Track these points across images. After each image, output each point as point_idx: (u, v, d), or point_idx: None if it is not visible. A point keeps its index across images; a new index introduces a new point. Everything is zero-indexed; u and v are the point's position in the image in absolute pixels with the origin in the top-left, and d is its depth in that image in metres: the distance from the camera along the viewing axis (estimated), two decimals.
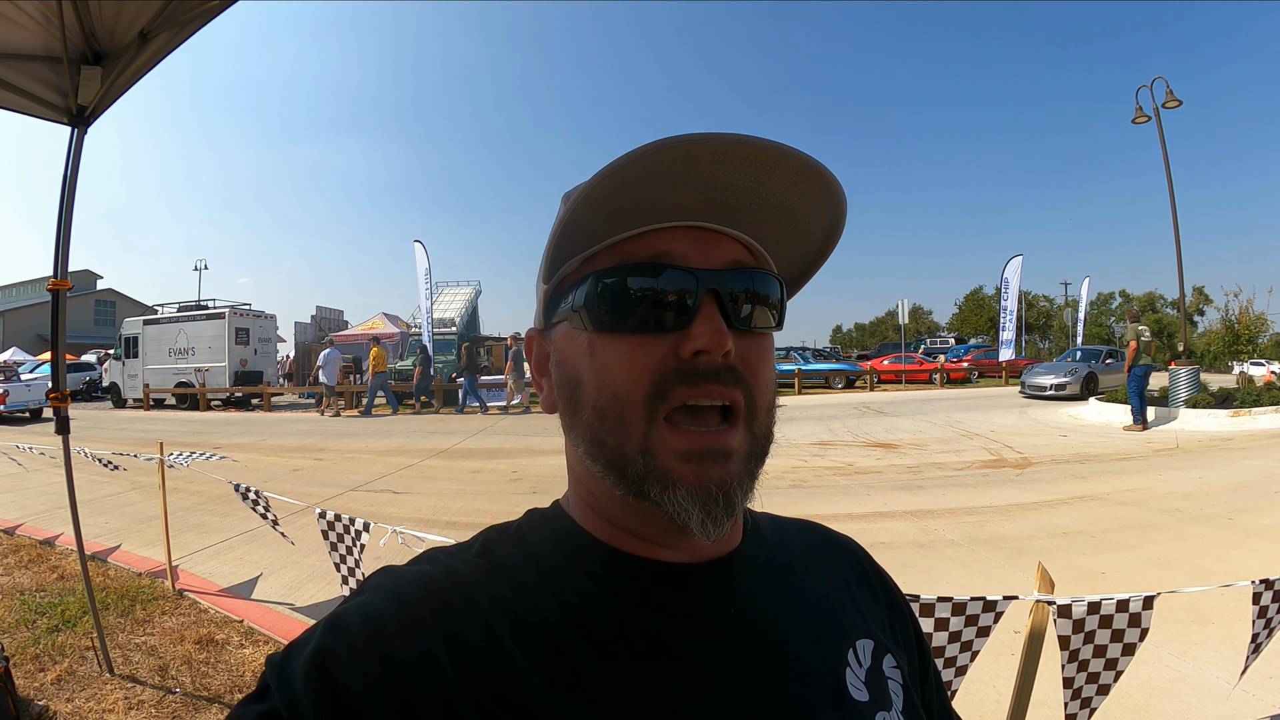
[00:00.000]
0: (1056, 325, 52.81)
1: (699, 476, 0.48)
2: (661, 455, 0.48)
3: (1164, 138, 14.39)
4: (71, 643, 3.51)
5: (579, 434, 0.52)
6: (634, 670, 0.48)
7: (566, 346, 0.54)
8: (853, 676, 0.55)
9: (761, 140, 0.46)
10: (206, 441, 12.33)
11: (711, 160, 0.47)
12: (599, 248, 0.52)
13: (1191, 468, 7.90)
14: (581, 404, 0.51)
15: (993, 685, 2.92)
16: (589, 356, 0.51)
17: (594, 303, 0.50)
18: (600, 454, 0.50)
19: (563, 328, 0.55)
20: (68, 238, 2.96)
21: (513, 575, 0.51)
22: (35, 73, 2.77)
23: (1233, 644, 3.23)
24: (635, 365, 0.49)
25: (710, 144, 0.46)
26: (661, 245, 0.50)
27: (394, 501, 7.07)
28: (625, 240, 0.51)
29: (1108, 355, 19.18)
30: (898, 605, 0.68)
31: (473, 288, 29.77)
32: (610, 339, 0.50)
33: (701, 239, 0.51)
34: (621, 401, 0.49)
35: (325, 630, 0.45)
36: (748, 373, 0.51)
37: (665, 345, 0.49)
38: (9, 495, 7.40)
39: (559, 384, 0.55)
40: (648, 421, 0.48)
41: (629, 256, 0.51)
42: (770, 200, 0.51)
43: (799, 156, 0.48)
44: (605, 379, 0.50)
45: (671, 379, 0.48)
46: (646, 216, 0.50)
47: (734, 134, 0.46)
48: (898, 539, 5.35)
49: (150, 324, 22.89)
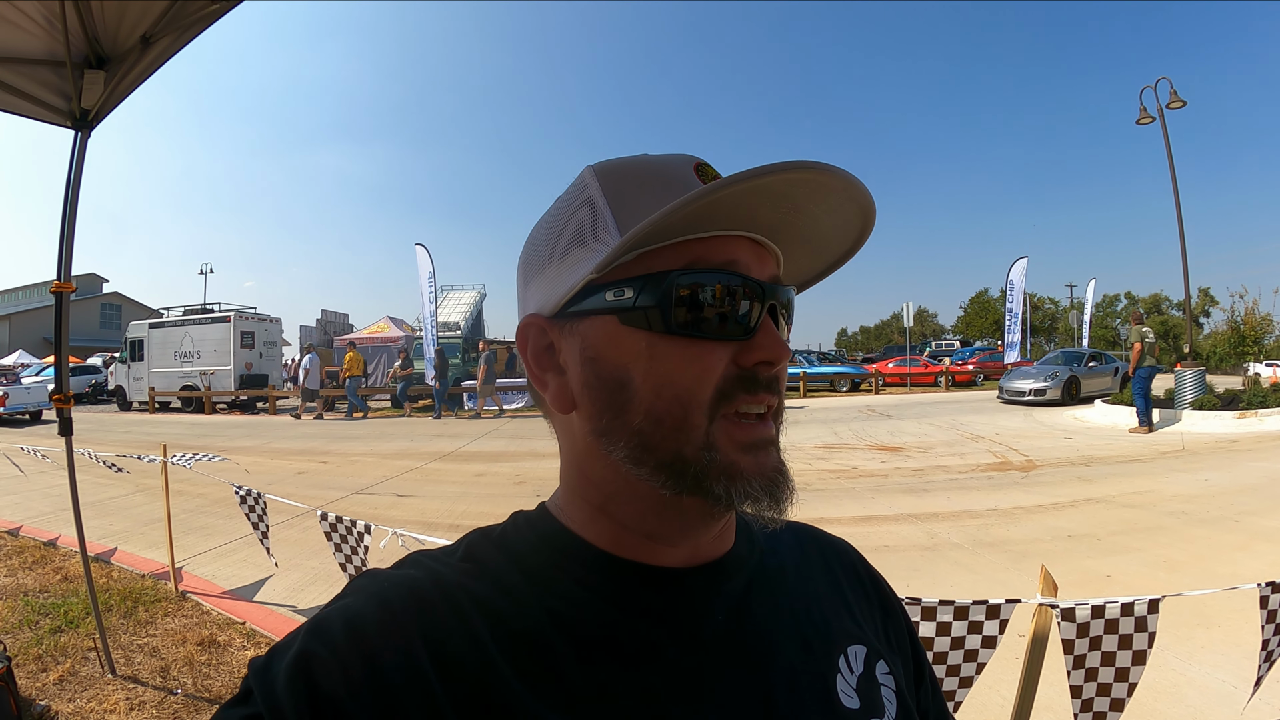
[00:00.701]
0: (1062, 328, 52.70)
1: (759, 465, 0.49)
2: (725, 449, 0.48)
3: (1168, 138, 14.37)
4: (74, 643, 3.52)
5: (618, 437, 0.50)
6: (620, 676, 0.47)
7: (608, 344, 0.50)
8: (843, 683, 0.54)
9: (856, 181, 0.48)
10: (211, 445, 12.36)
11: (813, 188, 0.48)
12: (664, 245, 0.49)
13: (1197, 470, 7.87)
14: (630, 407, 0.49)
15: (996, 689, 2.91)
16: (646, 358, 0.49)
17: (668, 303, 0.48)
18: (648, 457, 0.49)
19: (603, 322, 0.50)
20: (71, 241, 2.98)
21: (497, 580, 0.51)
22: (39, 76, 2.79)
23: (1239, 647, 3.21)
24: (703, 370, 0.48)
25: (828, 175, 0.46)
26: (729, 253, 0.50)
27: (397, 505, 7.09)
28: (694, 241, 0.49)
29: (1090, 358, 18.24)
30: (892, 609, 0.67)
31: (477, 291, 29.71)
32: (677, 342, 0.48)
33: (757, 251, 0.51)
34: (685, 405, 0.48)
35: (308, 634, 0.45)
36: (780, 382, 0.52)
37: (729, 352, 0.49)
38: (13, 497, 7.44)
39: (590, 383, 0.51)
40: (709, 421, 0.48)
41: (700, 259, 0.49)
42: (824, 228, 0.52)
43: (868, 199, 0.50)
44: (666, 382, 0.48)
45: (734, 385, 0.49)
46: (726, 223, 0.49)
47: (841, 170, 0.46)
48: (902, 542, 5.33)
49: (156, 327, 22.98)
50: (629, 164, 0.54)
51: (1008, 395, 17.08)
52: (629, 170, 0.53)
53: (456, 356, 22.44)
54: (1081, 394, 16.50)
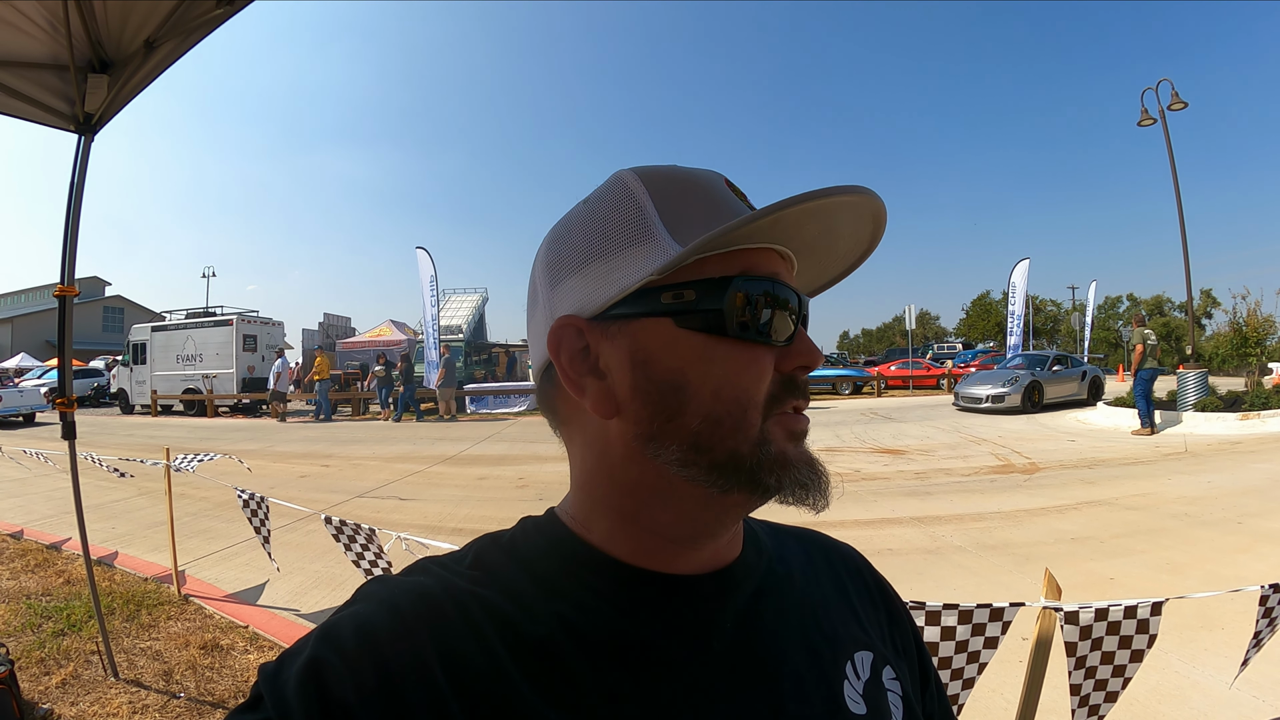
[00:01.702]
0: (1064, 329, 52.64)
1: (801, 455, 0.52)
2: (777, 440, 0.51)
3: (1170, 140, 14.38)
4: (77, 647, 3.52)
5: (670, 440, 0.49)
6: (629, 684, 0.47)
7: (663, 346, 0.50)
8: (850, 689, 0.54)
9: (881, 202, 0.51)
10: (213, 448, 12.32)
11: (846, 207, 0.50)
12: (716, 253, 0.49)
13: (1200, 472, 7.85)
14: (686, 409, 0.49)
15: (1000, 692, 2.91)
16: (704, 361, 0.49)
17: (733, 307, 0.48)
18: (701, 458, 0.49)
19: (657, 324, 0.50)
20: (75, 244, 2.99)
21: (507, 586, 0.51)
22: (43, 80, 2.80)
23: (1242, 649, 3.18)
24: (760, 372, 0.50)
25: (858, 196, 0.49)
26: (773, 264, 0.52)
27: (400, 508, 7.09)
28: (745, 251, 0.51)
29: (1055, 361, 16.87)
30: (897, 614, 0.67)
31: (480, 294, 29.78)
32: (735, 345, 0.49)
33: (786, 264, 0.54)
34: (744, 406, 0.49)
35: (318, 640, 0.45)
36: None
37: (773, 357, 0.51)
38: (16, 500, 7.45)
39: (642, 386, 0.50)
40: (763, 420, 0.50)
41: (752, 268, 0.50)
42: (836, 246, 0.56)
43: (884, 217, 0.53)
44: (725, 384, 0.49)
45: (784, 388, 0.51)
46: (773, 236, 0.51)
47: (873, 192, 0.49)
48: (905, 546, 5.33)
49: (158, 330, 23.03)
50: (668, 172, 0.55)
51: (963, 401, 16.00)
52: (671, 178, 0.54)
53: (459, 360, 22.48)
54: (1045, 400, 15.66)
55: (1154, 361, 11.65)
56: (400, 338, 26.89)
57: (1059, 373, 16.45)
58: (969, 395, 15.84)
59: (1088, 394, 16.50)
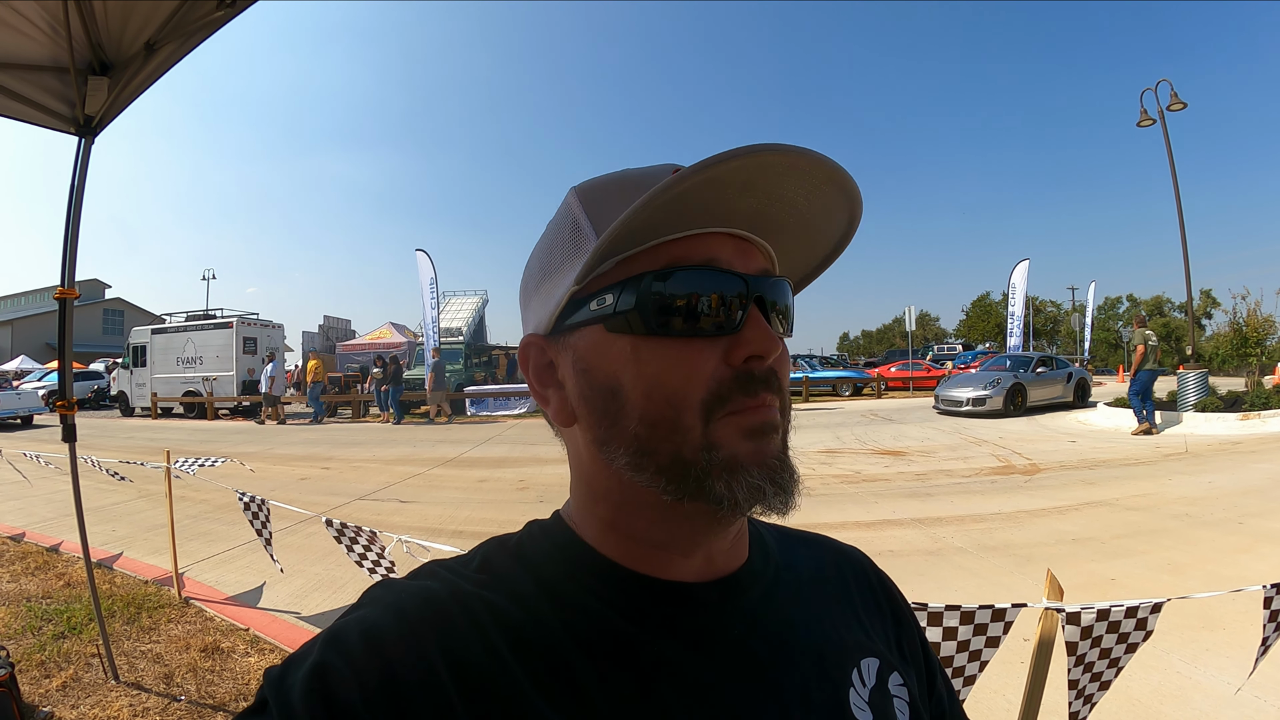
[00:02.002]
0: (1064, 330, 52.66)
1: (760, 453, 0.48)
2: (726, 443, 0.47)
3: (1169, 141, 14.39)
4: (77, 649, 3.52)
5: (617, 445, 0.50)
6: (635, 690, 0.47)
7: (596, 353, 0.51)
8: (856, 697, 0.54)
9: (828, 158, 0.47)
10: (214, 450, 12.36)
11: (784, 171, 0.47)
12: (640, 249, 0.49)
13: (1201, 472, 7.84)
14: (623, 413, 0.49)
15: (1002, 694, 2.90)
16: (633, 362, 0.49)
17: (647, 305, 0.48)
18: (648, 463, 0.49)
19: (591, 332, 0.51)
20: (75, 246, 2.98)
21: (514, 590, 0.51)
22: (43, 83, 2.81)
23: (1244, 649, 3.19)
24: (691, 369, 0.48)
25: (792, 155, 0.45)
26: (709, 250, 0.49)
27: (400, 510, 7.08)
28: (671, 243, 0.49)
29: (1039, 363, 16.25)
30: (904, 619, 0.67)
31: (480, 297, 29.76)
32: (660, 343, 0.48)
33: (740, 246, 0.51)
34: (676, 407, 0.47)
35: (324, 645, 0.45)
36: (780, 378, 0.51)
37: (717, 350, 0.48)
38: (16, 502, 7.44)
39: (586, 394, 0.52)
40: (705, 423, 0.47)
41: (678, 260, 0.49)
42: (806, 215, 0.51)
43: (848, 178, 0.48)
44: (656, 385, 0.48)
45: (729, 386, 0.48)
46: (700, 219, 0.49)
47: (810, 150, 0.45)
48: (906, 547, 5.32)
49: (158, 333, 23.01)
50: (608, 178, 0.55)
51: (944, 405, 15.44)
52: (608, 184, 0.54)
53: (459, 362, 22.48)
54: (1029, 403, 15.11)
55: (1154, 363, 11.69)
56: (401, 340, 26.90)
57: (1043, 375, 15.88)
58: (949, 398, 15.33)
59: (1074, 396, 16.12)
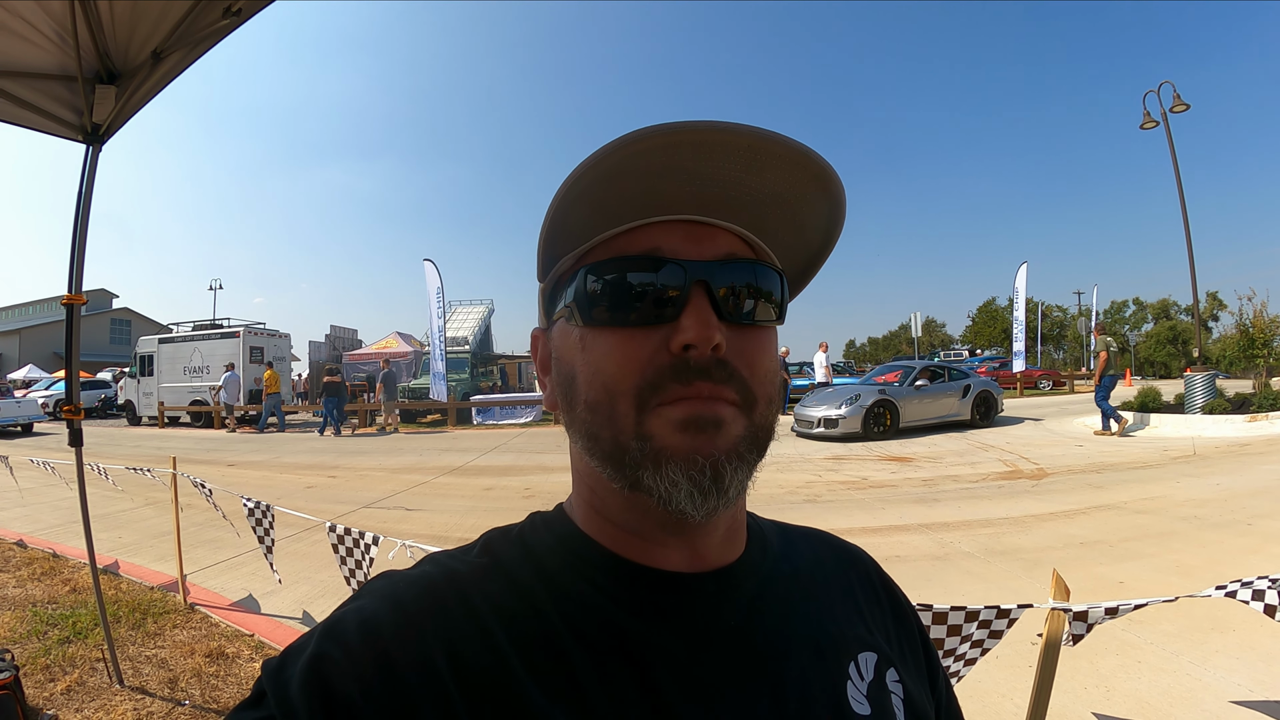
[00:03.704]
0: (1070, 335, 52.44)
1: (690, 448, 0.46)
2: (658, 434, 0.47)
3: (1172, 143, 14.36)
4: (82, 654, 3.53)
5: (576, 429, 0.52)
6: (632, 680, 0.47)
7: (561, 343, 0.54)
8: (854, 690, 0.54)
9: (740, 126, 0.45)
10: (220, 459, 12.43)
11: (694, 150, 0.46)
12: (592, 244, 0.52)
13: (1209, 474, 7.79)
14: (575, 399, 0.51)
15: (1009, 697, 2.88)
16: (580, 351, 0.51)
17: (583, 297, 0.50)
18: (596, 447, 0.50)
19: (559, 325, 0.54)
20: (82, 254, 3.01)
21: (513, 579, 0.51)
22: (51, 91, 2.83)
23: (1255, 650, 3.17)
24: (624, 358, 0.48)
25: (688, 133, 0.44)
26: (653, 240, 0.50)
27: (406, 518, 7.08)
28: (618, 236, 0.51)
29: (923, 374, 13.69)
30: (904, 616, 0.67)
31: (485, 306, 29.81)
32: (600, 333, 0.50)
33: (694, 233, 0.50)
34: (611, 393, 0.48)
35: (322, 636, 0.45)
36: (743, 365, 0.49)
37: (655, 339, 0.48)
38: (23, 509, 7.47)
39: (556, 380, 0.55)
40: (639, 411, 0.47)
41: (621, 251, 0.50)
42: (761, 189, 0.49)
43: (783, 141, 0.47)
44: (595, 371, 0.49)
45: (665, 374, 0.47)
46: (636, 211, 0.49)
47: (712, 121, 0.44)
48: (913, 552, 5.29)
49: (165, 342, 23.08)
50: None
51: (799, 426, 13.13)
52: None
53: (465, 371, 22.48)
54: (903, 423, 12.64)
55: (1114, 369, 12.23)
56: (407, 349, 26.93)
57: (925, 389, 13.32)
58: (803, 418, 12.99)
59: (972, 413, 13.59)
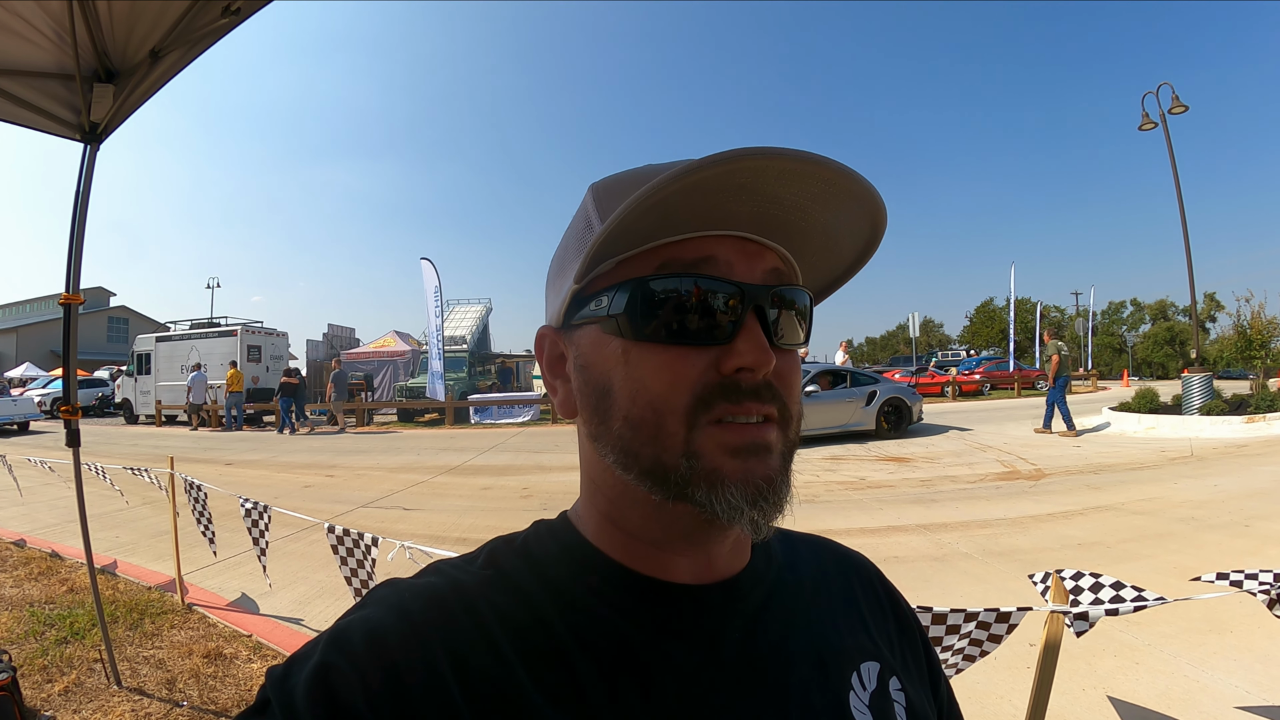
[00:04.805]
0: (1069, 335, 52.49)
1: (745, 472, 0.47)
2: (708, 454, 0.47)
3: (1171, 144, 14.37)
4: (79, 654, 3.52)
5: (607, 443, 0.51)
6: (637, 692, 0.47)
7: (594, 352, 0.52)
8: (856, 700, 0.54)
9: (830, 161, 0.45)
10: (218, 458, 12.41)
11: (779, 175, 0.45)
12: (638, 251, 0.49)
13: (1206, 475, 7.80)
14: (611, 413, 0.50)
15: (1008, 699, 2.88)
16: (623, 364, 0.49)
17: (635, 310, 0.48)
18: (634, 463, 0.49)
19: (590, 331, 0.52)
20: (80, 253, 3.00)
21: (518, 589, 0.51)
22: (48, 90, 2.82)
23: (1252, 652, 3.17)
24: (676, 376, 0.47)
25: (784, 159, 0.44)
26: (705, 251, 0.49)
27: (404, 518, 7.07)
28: (667, 245, 0.49)
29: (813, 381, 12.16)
30: (906, 623, 0.67)
31: (484, 305, 29.75)
32: (648, 348, 0.48)
33: (744, 248, 0.50)
34: (659, 411, 0.47)
35: (327, 644, 0.45)
36: (783, 387, 0.50)
37: (707, 358, 0.48)
38: (19, 508, 7.46)
39: (582, 389, 0.53)
40: (688, 429, 0.47)
41: (672, 262, 0.49)
42: (820, 219, 0.50)
43: (858, 180, 0.47)
44: (640, 388, 0.48)
45: (714, 392, 0.47)
46: (698, 223, 0.48)
47: (806, 152, 0.44)
48: (911, 553, 5.29)
49: (163, 341, 23.06)
50: (625, 175, 0.54)
51: None
52: (621, 181, 0.54)
53: (463, 370, 22.46)
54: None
55: (1066, 370, 12.51)
56: (405, 348, 26.87)
57: (817, 395, 11.91)
58: None
59: (878, 422, 12.34)
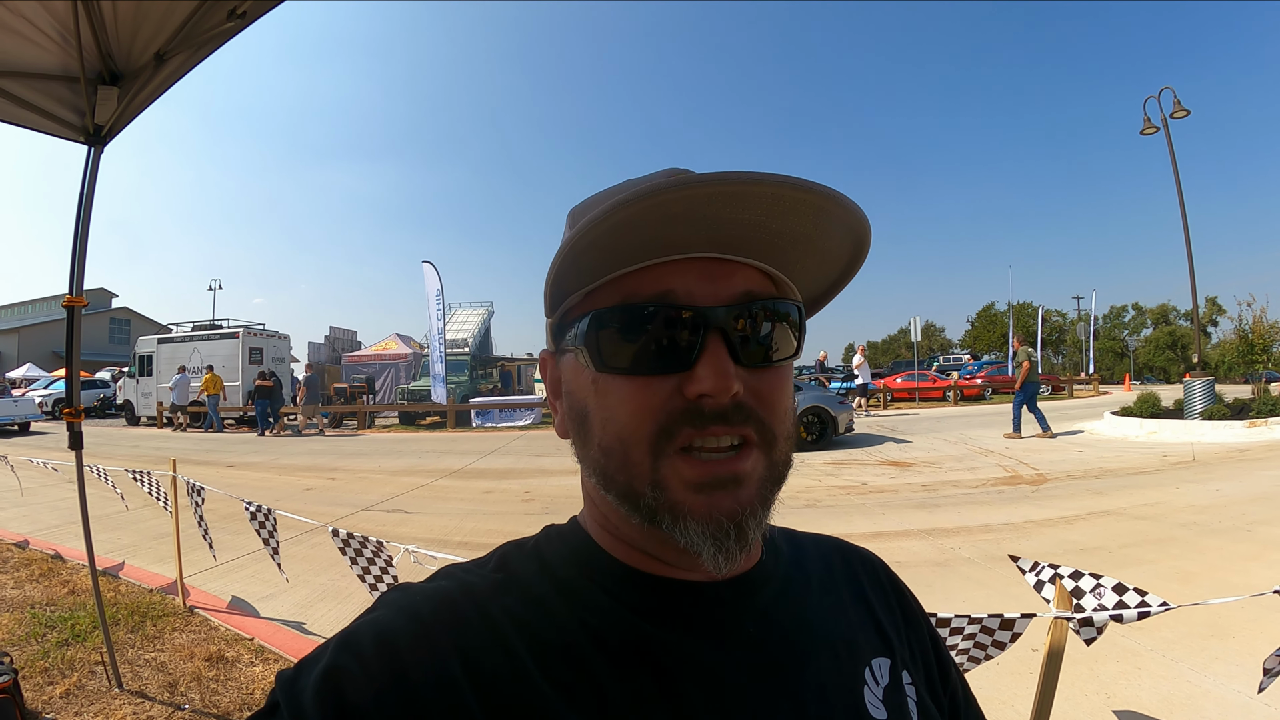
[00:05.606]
0: (1070, 340, 52.44)
1: (709, 508, 0.46)
2: (672, 487, 0.47)
3: (1173, 148, 14.37)
4: (81, 657, 3.51)
5: (589, 465, 0.52)
6: (652, 688, 0.47)
7: (573, 380, 0.53)
8: (870, 694, 0.54)
9: (761, 176, 0.43)
10: (220, 460, 12.41)
11: (708, 201, 0.44)
12: (600, 283, 0.50)
13: (1208, 480, 7.78)
14: (589, 439, 0.51)
15: (1011, 704, 2.87)
16: (594, 394, 0.50)
17: (594, 344, 0.49)
18: (611, 486, 0.50)
19: (569, 359, 0.53)
20: (84, 255, 3.00)
21: (530, 591, 0.51)
22: (53, 92, 2.83)
23: (1255, 657, 3.15)
24: (638, 407, 0.47)
25: (704, 187, 0.43)
26: (665, 282, 0.48)
27: (406, 521, 7.06)
28: (628, 275, 0.49)
29: None
30: (914, 617, 0.67)
31: (485, 308, 29.77)
32: (613, 379, 0.49)
33: (710, 271, 0.48)
34: (625, 442, 0.48)
35: (337, 648, 0.45)
36: (761, 406, 0.49)
37: (669, 386, 0.47)
38: (21, 509, 7.46)
39: (568, 414, 0.54)
40: (654, 458, 0.47)
41: (631, 294, 0.48)
42: (783, 230, 0.47)
43: (807, 187, 0.44)
44: (609, 417, 0.49)
45: (677, 419, 0.47)
46: (648, 252, 0.47)
47: (730, 175, 0.42)
48: (913, 558, 5.28)
49: (164, 342, 23.07)
50: (594, 198, 0.55)
51: None
52: (588, 207, 0.54)
53: (464, 374, 22.46)
54: None
55: (1035, 377, 12.88)
56: (406, 351, 26.89)
57: None
58: None
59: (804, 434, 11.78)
